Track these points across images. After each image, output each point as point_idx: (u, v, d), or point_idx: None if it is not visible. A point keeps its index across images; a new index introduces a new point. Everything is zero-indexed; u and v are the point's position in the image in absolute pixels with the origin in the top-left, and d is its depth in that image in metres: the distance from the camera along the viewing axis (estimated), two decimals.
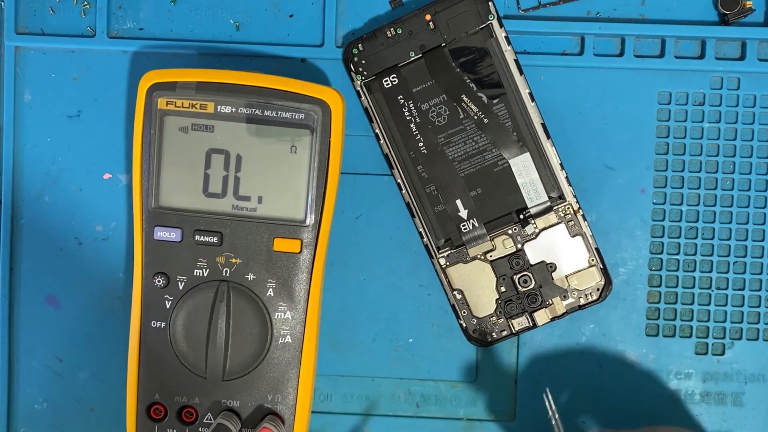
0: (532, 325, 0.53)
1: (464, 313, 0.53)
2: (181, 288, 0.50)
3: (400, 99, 0.53)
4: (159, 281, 0.50)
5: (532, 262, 0.53)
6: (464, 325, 0.53)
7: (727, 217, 0.54)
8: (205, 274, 0.50)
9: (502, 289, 0.53)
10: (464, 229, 0.53)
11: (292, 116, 0.50)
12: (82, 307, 0.55)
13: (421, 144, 0.53)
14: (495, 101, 0.52)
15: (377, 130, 0.53)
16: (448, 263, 0.53)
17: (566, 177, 0.53)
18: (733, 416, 0.55)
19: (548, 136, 0.52)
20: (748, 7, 0.53)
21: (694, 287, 0.55)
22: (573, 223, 0.53)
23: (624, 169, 0.54)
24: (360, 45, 0.53)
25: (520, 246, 0.53)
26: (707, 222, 0.54)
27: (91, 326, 0.55)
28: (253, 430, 0.51)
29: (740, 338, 0.54)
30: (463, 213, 0.53)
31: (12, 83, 0.55)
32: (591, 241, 0.53)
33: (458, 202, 0.53)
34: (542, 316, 0.53)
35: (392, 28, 0.52)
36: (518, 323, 0.53)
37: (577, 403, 0.55)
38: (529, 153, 0.52)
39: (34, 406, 0.55)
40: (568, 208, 0.53)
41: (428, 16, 0.52)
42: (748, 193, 0.54)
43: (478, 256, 0.53)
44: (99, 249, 0.55)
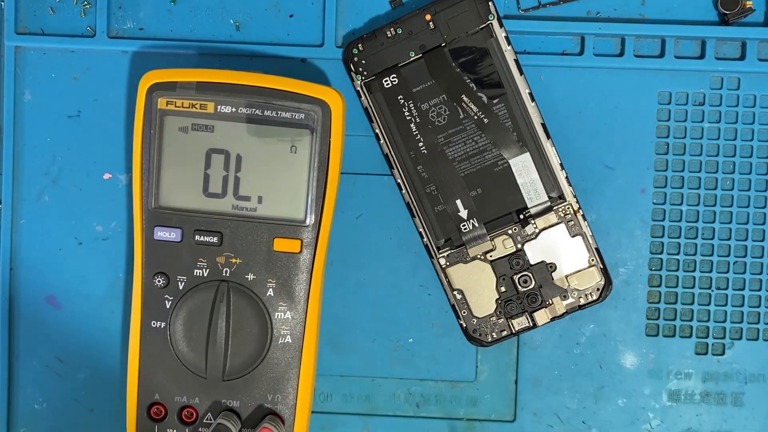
0: (532, 325, 0.53)
1: (464, 313, 0.53)
2: (181, 288, 0.50)
3: (400, 99, 0.53)
4: (159, 281, 0.50)
5: (532, 262, 0.53)
6: (464, 325, 0.53)
7: (727, 217, 0.54)
8: (205, 274, 0.50)
9: (502, 289, 0.53)
10: (464, 229, 0.53)
11: (292, 116, 0.50)
12: (82, 307, 0.55)
13: (421, 144, 0.53)
14: (495, 101, 0.52)
15: (377, 130, 0.53)
16: (448, 263, 0.53)
17: (566, 177, 0.53)
18: (733, 416, 0.55)
19: (548, 136, 0.52)
20: (748, 7, 0.53)
21: (694, 287, 0.55)
22: (573, 223, 0.53)
23: (624, 169, 0.54)
24: (360, 45, 0.53)
25: (520, 246, 0.53)
26: (707, 222, 0.54)
27: (91, 326, 0.55)
28: (253, 430, 0.51)
29: (740, 338, 0.54)
30: (463, 213, 0.53)
31: (12, 83, 0.55)
32: (591, 241, 0.53)
33: (458, 202, 0.53)
34: (542, 316, 0.53)
35: (392, 28, 0.52)
36: (518, 323, 0.53)
37: (577, 403, 0.55)
38: (529, 153, 0.52)
39: (34, 406, 0.55)
40: (568, 208, 0.53)
41: (428, 16, 0.52)
42: (748, 193, 0.54)
43: (478, 256, 0.53)
44: (99, 249, 0.55)
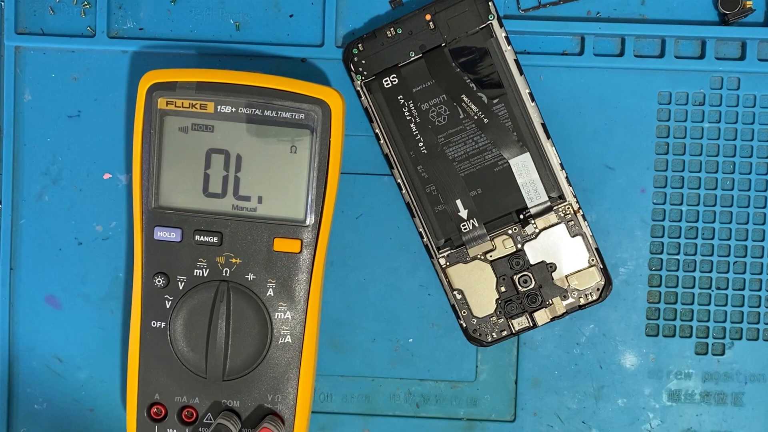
0: (532, 325, 0.53)
1: (464, 313, 0.53)
2: (181, 288, 0.50)
3: (400, 99, 0.53)
4: (159, 281, 0.50)
5: (532, 262, 0.53)
6: (464, 325, 0.53)
7: (727, 217, 0.54)
8: (205, 274, 0.50)
9: (502, 289, 0.53)
10: (464, 229, 0.53)
11: (292, 116, 0.50)
12: (82, 307, 0.55)
13: (421, 144, 0.53)
14: (495, 101, 0.52)
15: (377, 130, 0.53)
16: (448, 263, 0.53)
17: (566, 177, 0.53)
18: (733, 416, 0.55)
19: (548, 136, 0.52)
20: (748, 7, 0.53)
21: (694, 287, 0.55)
22: (573, 223, 0.53)
23: (624, 169, 0.54)
24: (360, 45, 0.53)
25: (520, 246, 0.53)
26: (707, 222, 0.54)
27: (91, 326, 0.55)
28: (253, 430, 0.51)
29: (740, 338, 0.54)
30: (463, 213, 0.53)
31: (12, 83, 0.55)
32: (591, 241, 0.53)
33: (458, 202, 0.53)
34: (542, 316, 0.53)
35: (392, 28, 0.52)
36: (518, 323, 0.53)
37: (577, 403, 0.55)
38: (529, 153, 0.52)
39: (34, 406, 0.55)
40: (568, 208, 0.53)
41: (428, 16, 0.52)
42: (748, 193, 0.54)
43: (478, 256, 0.53)
44: (99, 249, 0.55)
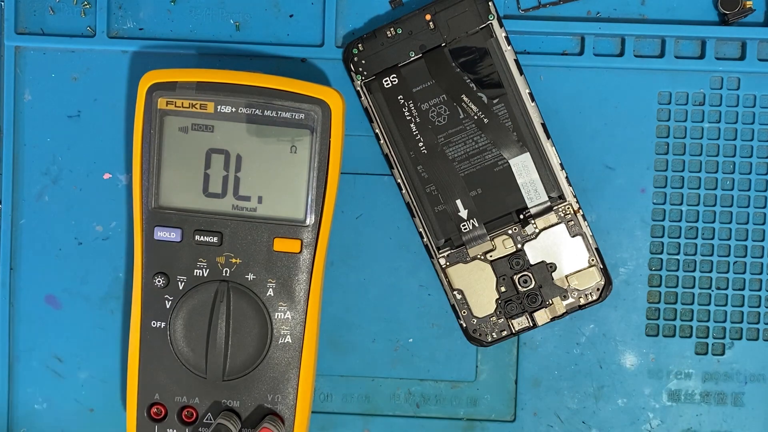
0: (532, 325, 0.53)
1: (464, 313, 0.53)
2: (181, 288, 0.50)
3: (400, 99, 0.53)
4: (159, 281, 0.50)
5: (532, 262, 0.53)
6: (464, 325, 0.53)
7: (727, 217, 0.54)
8: (205, 274, 0.50)
9: (502, 289, 0.53)
10: (464, 229, 0.53)
11: (292, 116, 0.50)
12: (82, 307, 0.55)
13: (421, 144, 0.53)
14: (495, 101, 0.52)
15: (377, 130, 0.53)
16: (448, 263, 0.53)
17: (566, 177, 0.53)
18: (733, 416, 0.55)
19: (548, 136, 0.52)
20: (748, 7, 0.53)
21: (694, 287, 0.54)
22: (573, 223, 0.53)
23: (624, 169, 0.54)
24: (360, 45, 0.53)
25: (520, 246, 0.53)
26: (707, 222, 0.54)
27: (91, 326, 0.55)
28: (253, 430, 0.51)
29: (740, 338, 0.54)
30: (463, 213, 0.53)
31: (12, 83, 0.55)
32: (591, 241, 0.53)
33: (458, 202, 0.53)
34: (542, 316, 0.53)
35: (392, 28, 0.52)
36: (518, 323, 0.53)
37: (577, 403, 0.55)
38: (529, 153, 0.52)
39: (34, 406, 0.55)
40: (568, 208, 0.53)
41: (428, 16, 0.52)
42: (748, 193, 0.54)
43: (478, 256, 0.53)
44: (99, 249, 0.55)
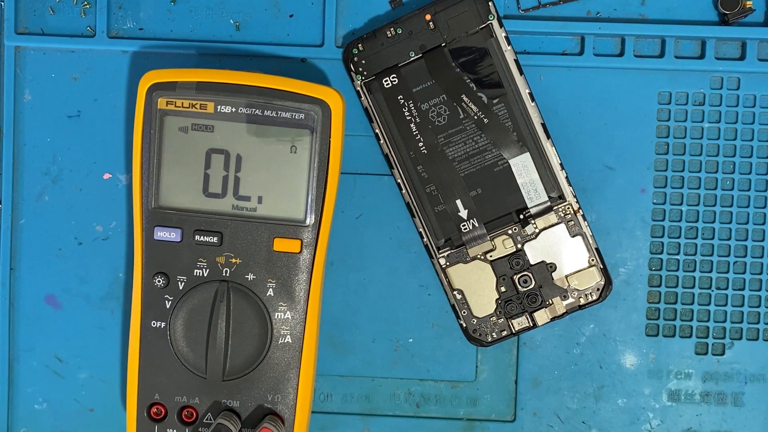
0: (532, 325, 0.53)
1: (464, 313, 0.53)
2: (181, 288, 0.50)
3: (400, 99, 0.53)
4: (159, 281, 0.50)
5: (532, 262, 0.53)
6: (464, 325, 0.53)
7: (727, 217, 0.54)
8: (205, 274, 0.50)
9: (502, 289, 0.53)
10: (464, 229, 0.53)
11: (292, 116, 0.50)
12: (82, 307, 0.55)
13: (421, 144, 0.53)
14: (495, 101, 0.52)
15: (377, 130, 0.53)
16: (448, 263, 0.53)
17: (566, 177, 0.53)
18: (733, 416, 0.55)
19: (548, 136, 0.52)
20: (748, 7, 0.53)
21: (694, 287, 0.55)
22: (573, 223, 0.53)
23: (624, 169, 0.54)
24: (360, 45, 0.53)
25: (520, 246, 0.53)
26: (707, 222, 0.54)
27: (91, 326, 0.55)
28: (253, 430, 0.51)
29: (740, 338, 0.54)
30: (463, 213, 0.53)
31: (12, 83, 0.55)
32: (591, 241, 0.53)
33: (458, 202, 0.53)
34: (542, 316, 0.53)
35: (392, 28, 0.52)
36: (518, 323, 0.53)
37: (577, 403, 0.55)
38: (529, 153, 0.52)
39: (34, 406, 0.55)
40: (568, 208, 0.53)
41: (428, 16, 0.52)
42: (748, 193, 0.54)
43: (478, 256, 0.53)
44: (99, 249, 0.55)
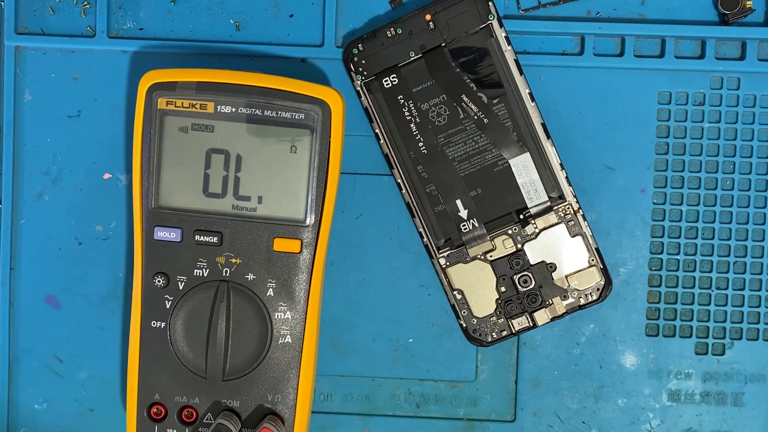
0: (532, 325, 0.53)
1: (464, 313, 0.53)
2: (181, 288, 0.50)
3: (400, 99, 0.53)
4: (159, 281, 0.50)
5: (532, 262, 0.53)
6: (464, 325, 0.53)
7: (727, 217, 0.54)
8: (205, 274, 0.50)
9: (502, 289, 0.53)
10: (464, 229, 0.53)
11: (292, 116, 0.50)
12: (82, 307, 0.55)
13: (421, 144, 0.53)
14: (495, 101, 0.52)
15: (377, 130, 0.53)
16: (448, 263, 0.53)
17: (566, 177, 0.53)
18: (733, 416, 0.55)
19: (548, 136, 0.52)
20: (748, 7, 0.53)
21: (694, 287, 0.55)
22: (573, 223, 0.53)
23: (624, 169, 0.54)
24: (360, 45, 0.53)
25: (520, 246, 0.53)
26: (707, 222, 0.54)
27: (91, 326, 0.55)
28: (253, 430, 0.51)
29: (740, 338, 0.54)
30: (463, 213, 0.53)
31: (12, 83, 0.55)
32: (591, 241, 0.53)
33: (458, 202, 0.53)
34: (542, 316, 0.53)
35: (392, 28, 0.52)
36: (518, 323, 0.53)
37: (577, 403, 0.55)
38: (529, 153, 0.52)
39: (34, 406, 0.55)
40: (568, 208, 0.53)
41: (428, 16, 0.52)
42: (748, 193, 0.54)
43: (478, 256, 0.53)
44: (99, 249, 0.55)
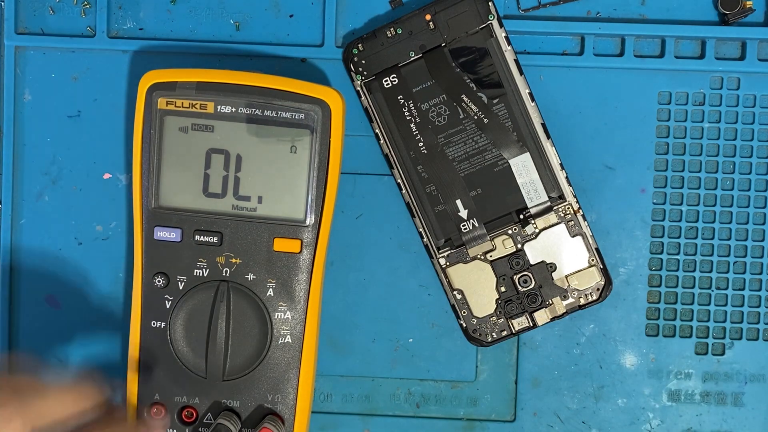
0: (532, 325, 0.53)
1: (464, 313, 0.53)
2: (181, 288, 0.50)
3: (400, 99, 0.53)
4: (159, 281, 0.50)
5: (532, 262, 0.53)
6: (464, 325, 0.53)
7: (727, 217, 0.54)
8: (205, 274, 0.50)
9: (502, 289, 0.53)
10: (464, 229, 0.53)
11: (292, 116, 0.50)
12: (82, 307, 0.55)
13: (421, 144, 0.53)
14: (495, 101, 0.52)
15: (377, 130, 0.53)
16: (448, 263, 0.53)
17: (566, 177, 0.53)
18: (733, 416, 0.55)
19: (548, 136, 0.52)
20: (748, 7, 0.53)
21: (694, 287, 0.54)
22: (573, 223, 0.53)
23: (624, 169, 0.54)
24: (360, 45, 0.53)
25: (520, 246, 0.53)
26: (707, 222, 0.54)
27: (91, 326, 0.55)
28: (253, 430, 0.51)
29: (740, 338, 0.54)
30: (463, 213, 0.53)
31: (12, 83, 0.55)
32: (591, 241, 0.53)
33: (458, 202, 0.53)
34: (542, 316, 0.53)
35: (392, 28, 0.52)
36: (518, 323, 0.53)
37: (577, 403, 0.55)
38: (529, 153, 0.52)
39: None
40: (568, 208, 0.53)
41: (428, 16, 0.52)
42: (748, 193, 0.54)
43: (478, 256, 0.53)
44: (99, 249, 0.55)
